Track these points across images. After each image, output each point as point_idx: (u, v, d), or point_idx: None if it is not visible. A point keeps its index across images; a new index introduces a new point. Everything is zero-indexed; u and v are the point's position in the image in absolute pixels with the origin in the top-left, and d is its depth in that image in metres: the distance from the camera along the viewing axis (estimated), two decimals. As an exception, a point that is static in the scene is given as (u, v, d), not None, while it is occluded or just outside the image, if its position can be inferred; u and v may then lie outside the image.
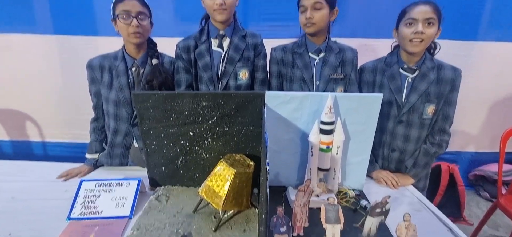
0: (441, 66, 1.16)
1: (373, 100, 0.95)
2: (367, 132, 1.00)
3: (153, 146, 1.02)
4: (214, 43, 1.21)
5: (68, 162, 1.26)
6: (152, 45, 1.23)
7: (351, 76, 1.25)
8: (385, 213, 0.79)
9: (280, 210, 0.72)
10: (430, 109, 1.16)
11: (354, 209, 0.99)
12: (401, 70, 1.18)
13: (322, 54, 1.23)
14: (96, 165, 1.27)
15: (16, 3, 1.97)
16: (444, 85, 1.14)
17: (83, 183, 1.00)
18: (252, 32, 1.27)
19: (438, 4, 1.11)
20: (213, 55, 1.21)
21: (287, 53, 1.26)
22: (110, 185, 1.00)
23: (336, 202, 0.78)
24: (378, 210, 0.78)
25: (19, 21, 2.02)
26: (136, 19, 1.10)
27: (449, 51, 2.09)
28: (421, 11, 1.08)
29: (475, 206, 2.32)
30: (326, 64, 1.22)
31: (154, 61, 1.19)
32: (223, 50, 1.21)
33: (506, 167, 2.10)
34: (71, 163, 1.26)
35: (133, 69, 1.20)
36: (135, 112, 1.19)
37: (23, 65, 2.11)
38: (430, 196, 2.16)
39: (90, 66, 1.21)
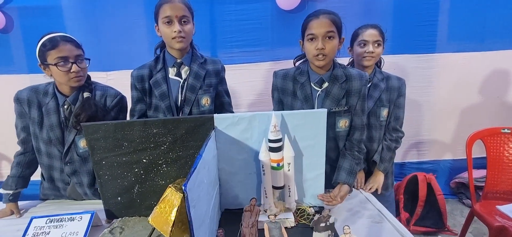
0: (389, 77, 1.40)
1: (319, 115, 0.98)
2: (317, 146, 1.01)
3: (106, 177, 1.02)
4: (172, 71, 1.22)
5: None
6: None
7: (357, 107, 1.13)
8: (331, 227, 0.79)
9: (220, 232, 0.71)
10: (385, 112, 1.37)
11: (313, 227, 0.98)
12: None
13: (325, 85, 1.13)
14: (14, 200, 1.16)
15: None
16: (393, 92, 1.37)
17: (34, 220, 0.98)
18: (212, 59, 1.29)
19: (383, 26, 1.37)
20: (170, 84, 1.22)
21: (287, 81, 1.19)
22: (61, 220, 0.98)
23: (276, 219, 0.78)
24: (322, 224, 0.78)
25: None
26: (76, 64, 1.06)
27: (409, 64, 2.19)
28: (371, 34, 1.33)
29: (459, 214, 2.29)
30: (328, 96, 1.12)
31: (86, 94, 1.13)
32: (182, 79, 1.22)
33: (480, 173, 2.11)
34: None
35: (65, 107, 1.14)
36: (65, 148, 1.15)
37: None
38: (411, 208, 2.13)
39: (18, 100, 1.14)
